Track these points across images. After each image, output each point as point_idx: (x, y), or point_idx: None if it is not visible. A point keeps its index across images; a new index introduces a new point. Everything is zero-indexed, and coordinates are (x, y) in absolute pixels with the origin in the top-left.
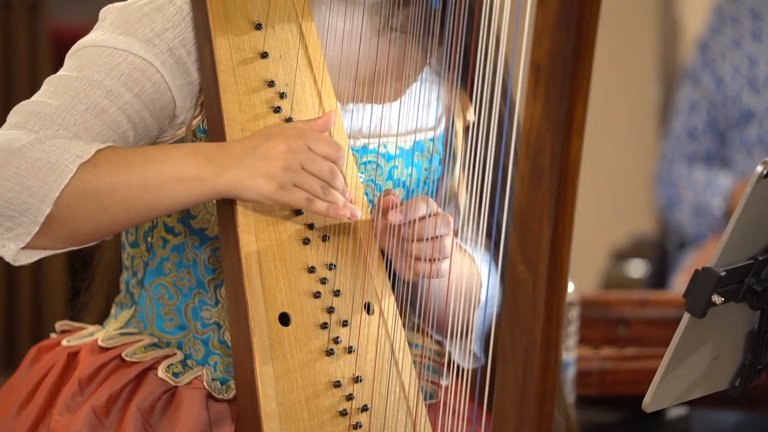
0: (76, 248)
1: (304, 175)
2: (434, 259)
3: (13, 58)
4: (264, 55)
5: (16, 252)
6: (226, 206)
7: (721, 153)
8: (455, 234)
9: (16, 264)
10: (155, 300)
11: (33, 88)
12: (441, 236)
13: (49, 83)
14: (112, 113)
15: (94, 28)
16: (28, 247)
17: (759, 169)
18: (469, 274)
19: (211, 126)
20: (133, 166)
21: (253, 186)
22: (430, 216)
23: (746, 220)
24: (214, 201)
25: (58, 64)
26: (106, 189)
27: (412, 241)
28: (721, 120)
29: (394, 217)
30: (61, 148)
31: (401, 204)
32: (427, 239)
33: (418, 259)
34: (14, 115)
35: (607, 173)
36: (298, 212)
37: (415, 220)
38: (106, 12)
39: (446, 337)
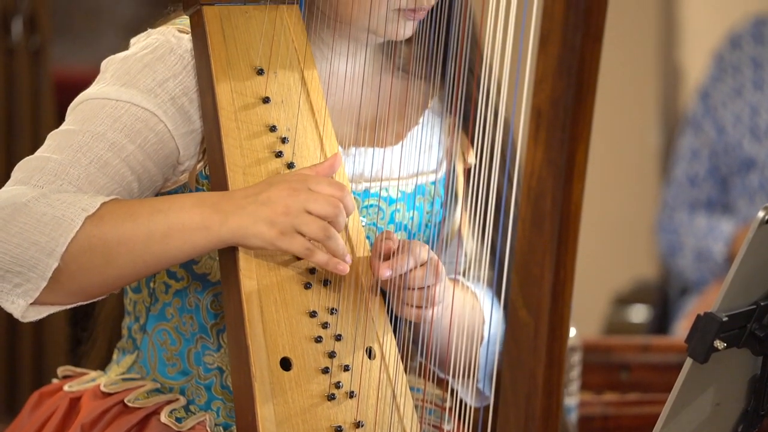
0: (84, 303)
1: (306, 219)
2: (421, 307)
3: (15, 104)
4: (266, 100)
5: (25, 308)
6: (228, 251)
7: (722, 199)
8: (462, 274)
9: (25, 320)
10: (158, 345)
11: (36, 133)
12: (429, 286)
13: (53, 138)
14: (116, 165)
15: (96, 80)
16: (37, 302)
17: (761, 214)
18: (471, 312)
19: (213, 171)
20: (138, 217)
21: (255, 232)
22: (420, 266)
23: (748, 266)
24: None
25: (60, 109)
26: (113, 242)
27: (401, 288)
28: (723, 167)
29: (383, 272)
30: (66, 202)
31: (393, 254)
32: (415, 288)
33: (407, 304)
34: (18, 172)
35: (609, 218)
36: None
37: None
38: (108, 64)
39: (450, 375)
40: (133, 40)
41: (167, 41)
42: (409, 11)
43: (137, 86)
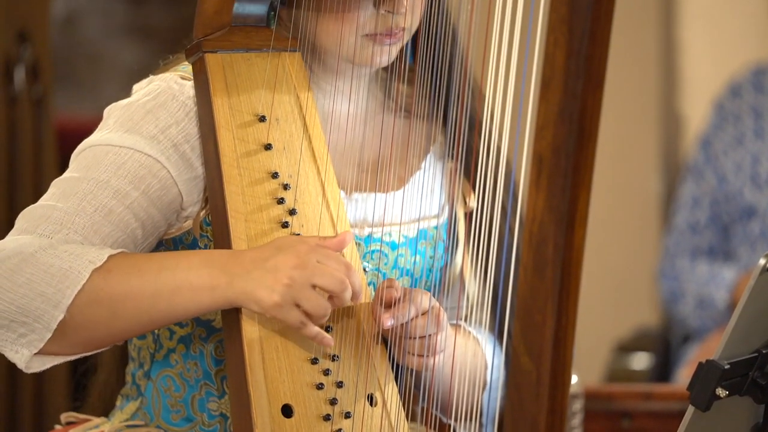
0: (88, 354)
1: (308, 294)
2: (423, 355)
3: (18, 152)
4: (268, 147)
5: (29, 358)
6: None
7: (724, 247)
8: (465, 319)
9: (29, 371)
10: (162, 391)
11: (38, 181)
12: (430, 335)
13: (56, 185)
14: (120, 213)
15: (99, 126)
16: (41, 353)
17: (762, 262)
18: (473, 358)
19: (214, 217)
20: (146, 273)
21: (255, 298)
22: (422, 315)
23: (750, 313)
24: None
25: (62, 158)
26: (119, 296)
27: (403, 337)
28: (724, 215)
29: (385, 321)
30: (73, 254)
31: (395, 303)
32: (416, 337)
33: (409, 353)
34: (22, 220)
35: (611, 265)
36: None
37: (407, 322)
38: (111, 110)
39: (453, 420)
40: (135, 87)
41: (169, 88)
42: (380, 36)
43: (140, 133)
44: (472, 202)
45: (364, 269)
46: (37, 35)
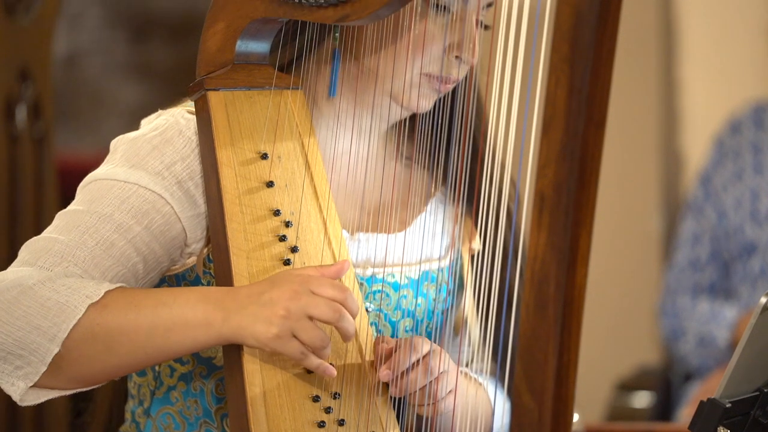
0: (83, 389)
1: (305, 325)
2: (431, 404)
3: (19, 191)
4: (270, 185)
5: (24, 391)
6: None
7: (724, 284)
8: (466, 365)
9: (23, 404)
10: (161, 429)
11: (39, 219)
12: (440, 376)
13: (60, 218)
14: (122, 247)
15: (106, 159)
16: (36, 386)
17: (763, 300)
18: (476, 402)
19: (216, 254)
20: (142, 308)
21: (252, 332)
22: (417, 365)
23: (751, 352)
24: None
25: (63, 195)
26: (115, 331)
27: (412, 392)
28: (725, 252)
29: (383, 374)
30: (71, 288)
31: (393, 354)
32: (416, 391)
33: (419, 405)
34: (24, 252)
35: (612, 303)
36: None
37: (403, 373)
38: (117, 143)
39: None
40: (143, 121)
41: (176, 123)
42: (435, 79)
43: (145, 168)
44: (476, 244)
45: (367, 309)
46: (38, 74)
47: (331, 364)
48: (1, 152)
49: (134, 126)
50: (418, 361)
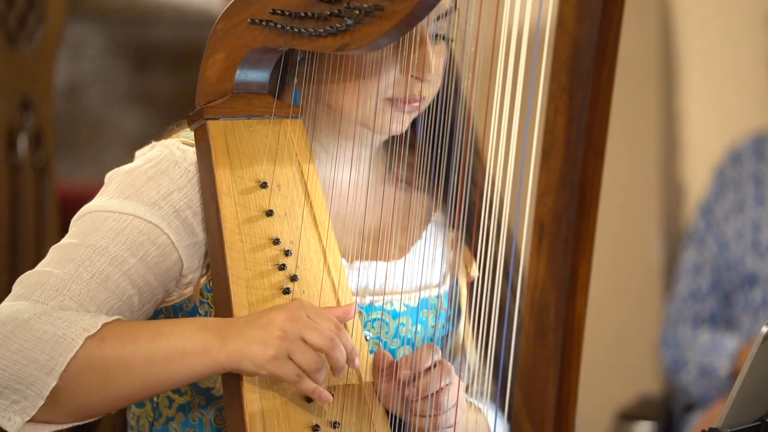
0: (80, 423)
1: (301, 347)
2: (434, 415)
3: (20, 220)
4: (269, 213)
5: (21, 426)
6: None
7: (726, 315)
8: (465, 390)
9: None
10: None
11: (39, 248)
12: (442, 389)
13: (54, 251)
14: (117, 280)
15: (100, 192)
16: (33, 420)
17: (764, 330)
18: (476, 428)
19: (215, 283)
20: (140, 339)
21: (249, 354)
22: (427, 372)
23: (752, 382)
24: None
25: (64, 225)
26: (113, 362)
27: (416, 399)
28: (726, 282)
29: (404, 374)
30: (68, 321)
31: (406, 357)
32: (428, 396)
33: (421, 416)
34: (19, 286)
35: (612, 332)
36: None
37: (420, 374)
38: (112, 176)
39: None
40: (138, 153)
41: (171, 154)
42: (400, 102)
43: (141, 199)
44: (474, 271)
45: (365, 338)
46: (40, 103)
47: (330, 393)
48: (2, 182)
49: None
50: (435, 364)
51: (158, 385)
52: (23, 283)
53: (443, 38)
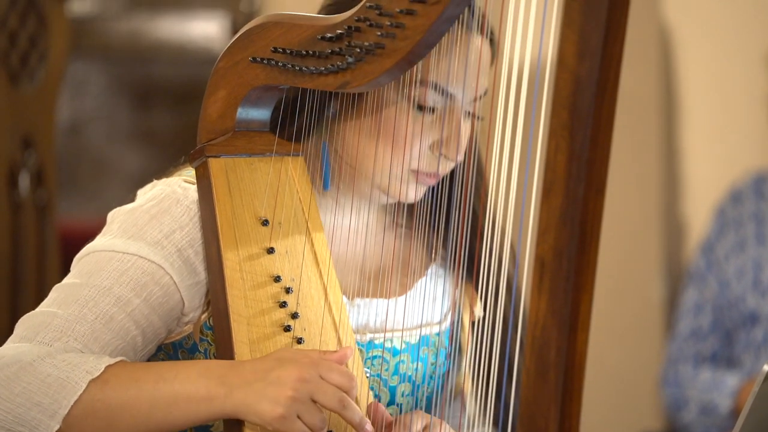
0: None
1: (310, 408)
2: None
3: (21, 258)
4: (270, 251)
5: None
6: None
7: (727, 353)
8: (467, 429)
9: None
10: None
11: (40, 286)
12: None
13: (57, 291)
14: (121, 321)
15: (102, 231)
16: None
17: (766, 368)
18: None
19: (216, 320)
20: (143, 384)
21: (257, 410)
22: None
23: (754, 419)
24: None
25: (65, 263)
26: (116, 407)
27: None
28: (727, 321)
29: None
30: (71, 363)
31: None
32: None
33: None
34: (21, 327)
35: (613, 370)
36: None
37: None
38: (114, 215)
39: None
40: (139, 192)
41: (173, 192)
42: (424, 175)
43: (144, 238)
44: (478, 310)
45: (366, 375)
46: (41, 141)
47: None
48: (3, 219)
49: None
50: None
51: (161, 429)
52: (26, 324)
53: (472, 115)
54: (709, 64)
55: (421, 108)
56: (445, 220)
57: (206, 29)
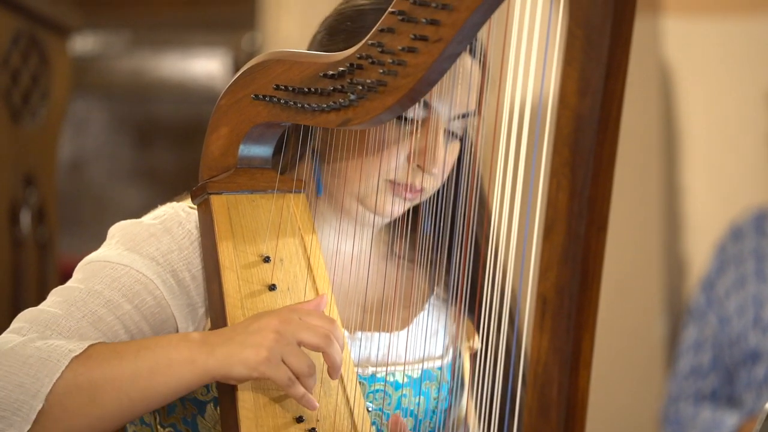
0: None
1: (295, 350)
2: None
3: (22, 295)
4: (272, 288)
5: None
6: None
7: (727, 391)
8: None
9: None
10: None
11: None
12: None
13: (53, 294)
14: (110, 322)
15: (103, 244)
16: None
17: (767, 407)
18: None
19: None
20: (125, 355)
21: (241, 358)
22: None
23: None
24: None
25: None
26: (99, 380)
27: None
28: (728, 359)
29: None
30: (53, 345)
31: None
32: None
33: None
34: (16, 323)
35: (614, 408)
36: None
37: None
38: (115, 229)
39: None
40: (143, 217)
41: (177, 215)
42: (399, 186)
43: (140, 252)
44: (476, 343)
45: (367, 409)
46: (43, 179)
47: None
48: (5, 257)
49: None
50: None
51: (145, 399)
52: (19, 319)
53: (457, 137)
54: (709, 101)
55: (400, 119)
56: (447, 255)
57: (208, 67)
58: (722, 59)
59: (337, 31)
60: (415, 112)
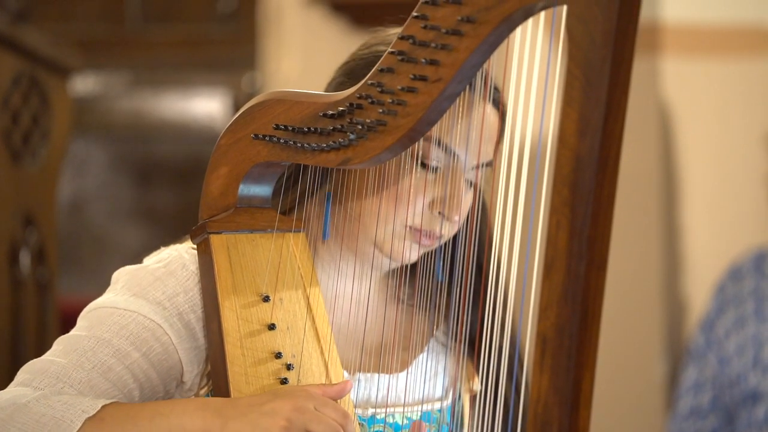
0: None
1: None
2: None
3: (21, 336)
4: (271, 327)
5: None
6: None
7: (727, 431)
8: None
9: None
10: None
11: None
12: None
13: (59, 342)
14: (119, 372)
15: (107, 290)
16: None
17: None
18: None
19: (217, 396)
20: (139, 420)
21: None
22: None
23: None
24: None
25: None
26: None
27: None
28: (728, 399)
29: None
30: (66, 403)
31: None
32: None
33: None
34: (22, 374)
35: None
36: None
37: None
38: (119, 274)
39: None
40: (146, 259)
41: (180, 257)
42: (417, 232)
43: (146, 298)
44: (476, 385)
45: None
46: (43, 219)
47: None
48: (4, 297)
49: None
50: None
51: None
52: (26, 370)
53: (472, 185)
54: (708, 141)
55: (424, 166)
56: (447, 296)
57: (208, 107)
58: (721, 100)
59: (357, 76)
60: (439, 160)
